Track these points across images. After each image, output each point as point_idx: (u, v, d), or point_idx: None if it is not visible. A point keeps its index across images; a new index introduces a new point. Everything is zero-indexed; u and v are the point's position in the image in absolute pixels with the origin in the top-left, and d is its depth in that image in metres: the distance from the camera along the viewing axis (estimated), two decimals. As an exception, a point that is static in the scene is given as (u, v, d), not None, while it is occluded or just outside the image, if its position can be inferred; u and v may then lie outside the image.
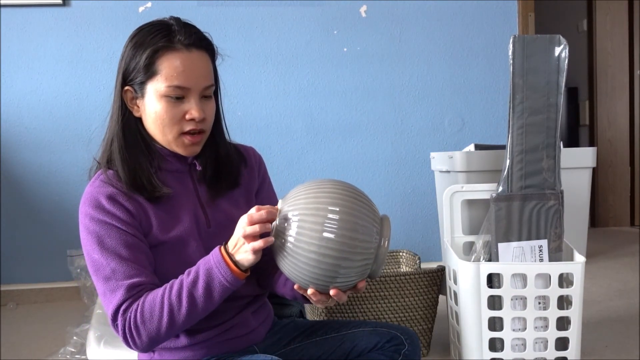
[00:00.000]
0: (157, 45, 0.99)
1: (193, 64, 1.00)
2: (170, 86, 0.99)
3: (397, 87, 2.84)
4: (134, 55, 1.01)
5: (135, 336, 0.94)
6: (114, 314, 0.94)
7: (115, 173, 1.02)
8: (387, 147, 2.85)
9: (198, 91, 1.01)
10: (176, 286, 0.93)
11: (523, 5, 2.88)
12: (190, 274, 0.94)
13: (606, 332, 1.94)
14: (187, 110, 1.01)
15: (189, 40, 1.01)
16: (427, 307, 1.76)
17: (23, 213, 2.68)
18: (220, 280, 0.92)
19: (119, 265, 0.95)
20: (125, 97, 1.05)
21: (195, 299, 0.93)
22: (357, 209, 0.90)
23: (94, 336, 1.61)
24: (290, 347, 1.14)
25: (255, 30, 2.76)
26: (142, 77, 1.01)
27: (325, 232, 0.88)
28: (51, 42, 2.66)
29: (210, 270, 0.93)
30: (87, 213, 0.99)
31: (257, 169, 1.18)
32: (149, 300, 0.93)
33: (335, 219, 0.88)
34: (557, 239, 1.55)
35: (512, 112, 1.55)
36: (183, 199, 1.05)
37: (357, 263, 0.90)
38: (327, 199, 0.90)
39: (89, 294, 2.27)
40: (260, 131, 2.78)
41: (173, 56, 0.99)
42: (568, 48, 1.54)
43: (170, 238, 1.01)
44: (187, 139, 1.02)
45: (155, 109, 1.01)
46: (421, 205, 2.88)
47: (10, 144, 2.66)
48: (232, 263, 0.92)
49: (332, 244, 0.87)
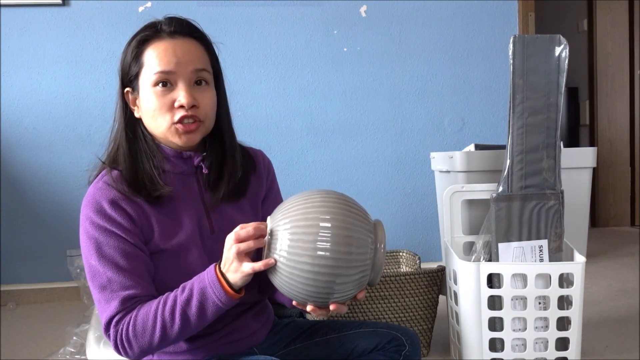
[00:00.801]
0: (141, 36, 1.01)
1: (177, 49, 1.00)
2: (156, 73, 0.99)
3: (397, 87, 2.84)
4: (125, 53, 1.03)
5: (127, 348, 0.94)
6: (106, 325, 0.95)
7: (120, 173, 1.01)
8: (387, 147, 2.85)
9: (186, 76, 1.00)
10: (170, 302, 0.93)
11: (523, 5, 2.87)
12: (184, 291, 0.93)
13: (606, 332, 1.94)
14: (177, 97, 1.00)
15: (172, 28, 1.02)
16: (427, 307, 1.75)
17: (23, 213, 2.67)
18: (214, 301, 0.91)
19: (115, 274, 0.94)
20: (127, 98, 1.05)
21: (188, 317, 0.92)
22: (350, 221, 0.88)
23: (94, 336, 1.61)
24: (291, 347, 1.14)
25: (255, 30, 2.76)
26: (133, 70, 1.02)
27: (319, 250, 0.85)
28: (51, 42, 2.65)
29: (204, 290, 0.92)
30: (88, 217, 0.98)
31: (265, 175, 1.16)
32: (141, 315, 0.93)
33: (327, 234, 0.85)
34: (558, 239, 1.55)
35: (512, 112, 1.55)
36: (186, 202, 1.04)
37: (354, 277, 0.88)
38: (318, 214, 0.87)
39: (89, 294, 2.27)
40: (260, 131, 2.78)
41: (157, 44, 1.01)
42: (568, 48, 1.54)
43: (171, 246, 1.00)
44: (180, 127, 1.00)
45: (147, 101, 1.01)
46: (421, 205, 2.88)
47: (10, 144, 2.66)
48: (226, 283, 0.91)
49: (326, 261, 0.85)
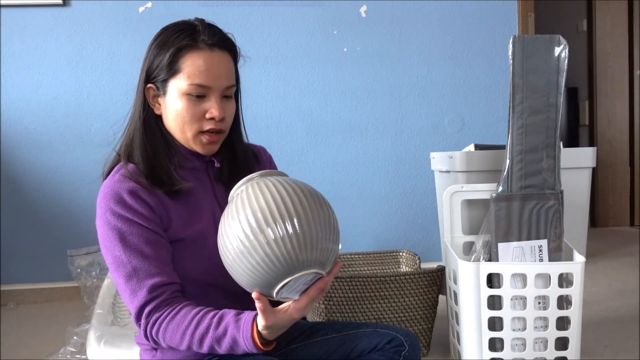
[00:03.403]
0: (181, 44, 1.01)
1: (215, 63, 1.02)
2: (193, 84, 1.01)
3: (397, 87, 2.85)
4: (158, 54, 1.03)
5: (155, 342, 0.99)
6: (137, 314, 0.97)
7: (135, 167, 1.03)
8: (387, 147, 2.85)
9: (219, 91, 1.03)
10: (201, 329, 0.94)
11: (523, 5, 2.88)
12: (219, 328, 0.94)
13: (606, 332, 1.94)
14: (208, 109, 1.02)
15: (212, 40, 1.02)
16: (427, 307, 1.76)
17: (23, 213, 2.68)
18: (244, 349, 0.93)
19: (141, 263, 0.96)
20: (147, 94, 1.06)
21: (215, 350, 0.95)
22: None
23: (94, 336, 1.61)
24: (291, 347, 1.15)
25: (255, 30, 2.76)
26: (165, 74, 1.02)
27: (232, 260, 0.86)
28: (51, 42, 2.66)
29: (236, 339, 0.93)
30: (109, 207, 0.98)
31: (268, 167, 1.21)
32: (172, 327, 0.95)
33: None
34: (557, 239, 1.56)
35: (512, 112, 1.55)
36: (201, 197, 1.07)
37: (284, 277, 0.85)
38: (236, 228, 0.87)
39: (89, 294, 2.27)
40: (260, 131, 2.78)
41: (196, 55, 1.01)
42: (568, 48, 1.54)
43: (189, 235, 1.02)
44: (205, 137, 1.04)
45: (176, 106, 1.02)
46: (421, 205, 2.89)
47: (10, 144, 2.67)
48: (259, 339, 0.92)
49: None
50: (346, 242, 2.75)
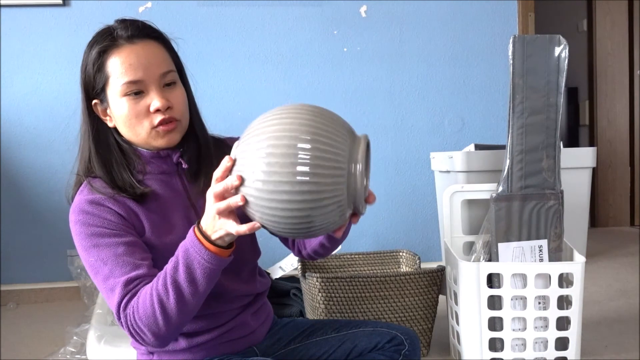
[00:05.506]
0: (100, 47, 1.00)
1: (140, 55, 0.99)
2: (125, 83, 0.98)
3: (397, 87, 2.85)
4: (86, 67, 1.02)
5: (139, 333, 0.92)
6: (117, 312, 0.94)
7: (100, 180, 1.02)
8: (387, 147, 2.85)
9: (155, 81, 0.99)
10: (161, 276, 0.91)
11: (523, 5, 2.88)
12: (171, 261, 0.92)
13: (606, 332, 1.94)
14: (149, 103, 0.99)
15: (128, 32, 1.00)
16: (427, 307, 1.76)
17: (23, 213, 2.68)
18: (199, 261, 0.88)
19: (114, 263, 0.94)
20: (96, 111, 1.05)
21: (179, 285, 0.89)
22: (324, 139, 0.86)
23: (94, 336, 1.61)
24: (290, 347, 1.14)
25: (255, 30, 2.76)
26: (99, 83, 1.01)
27: (299, 176, 0.80)
28: (51, 42, 2.65)
29: (187, 253, 0.90)
30: (77, 220, 0.97)
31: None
32: (142, 296, 0.91)
33: (307, 156, 0.81)
34: (557, 239, 1.56)
35: (512, 112, 1.55)
36: (173, 200, 1.04)
37: (329, 208, 0.82)
38: (296, 132, 0.84)
39: (89, 294, 2.28)
40: (260, 131, 2.78)
41: (117, 53, 0.99)
42: (568, 48, 1.54)
43: (165, 244, 1.00)
44: (160, 128, 1.00)
45: (120, 112, 1.00)
46: (421, 205, 2.89)
47: (10, 144, 2.66)
48: (207, 241, 0.88)
49: (307, 186, 0.80)
50: (346, 242, 2.74)
